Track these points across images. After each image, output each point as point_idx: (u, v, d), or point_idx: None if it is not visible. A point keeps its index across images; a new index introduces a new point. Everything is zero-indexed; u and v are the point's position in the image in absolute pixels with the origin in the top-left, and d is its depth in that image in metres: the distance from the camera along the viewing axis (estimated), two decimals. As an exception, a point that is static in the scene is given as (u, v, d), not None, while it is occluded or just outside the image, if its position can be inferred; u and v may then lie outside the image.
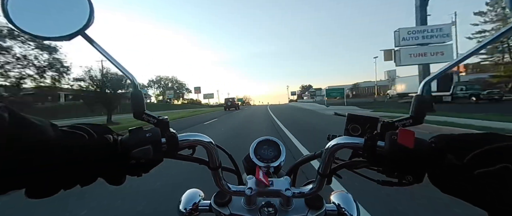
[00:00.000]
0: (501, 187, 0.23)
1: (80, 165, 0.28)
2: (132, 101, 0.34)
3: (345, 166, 0.38)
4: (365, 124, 0.36)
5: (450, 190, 0.27)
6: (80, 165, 0.28)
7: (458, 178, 0.26)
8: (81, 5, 0.33)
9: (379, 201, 2.00)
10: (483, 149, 0.25)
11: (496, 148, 0.25)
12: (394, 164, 0.30)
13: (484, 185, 0.24)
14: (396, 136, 0.29)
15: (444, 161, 0.28)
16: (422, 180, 0.30)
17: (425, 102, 0.32)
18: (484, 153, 0.25)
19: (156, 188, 2.59)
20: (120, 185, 0.32)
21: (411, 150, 0.29)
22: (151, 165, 0.33)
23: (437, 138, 0.30)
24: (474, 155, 0.26)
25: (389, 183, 0.33)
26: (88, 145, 0.28)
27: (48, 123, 0.27)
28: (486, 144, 0.26)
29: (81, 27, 0.33)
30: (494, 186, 0.24)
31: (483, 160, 0.25)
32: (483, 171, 0.24)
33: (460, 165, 0.26)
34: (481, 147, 0.26)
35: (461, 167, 0.26)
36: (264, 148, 0.49)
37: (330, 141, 0.37)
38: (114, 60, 0.34)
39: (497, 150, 0.25)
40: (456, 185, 0.27)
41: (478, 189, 0.25)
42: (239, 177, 0.51)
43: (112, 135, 0.32)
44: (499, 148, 0.25)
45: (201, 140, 0.38)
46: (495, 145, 0.25)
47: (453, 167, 0.27)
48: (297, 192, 0.42)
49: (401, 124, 0.32)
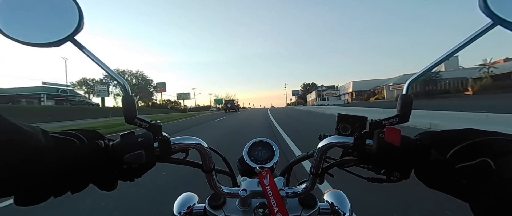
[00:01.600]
0: (480, 180, 0.25)
1: (71, 172, 0.27)
2: (124, 106, 0.34)
3: (336, 165, 0.39)
4: (355, 124, 0.37)
5: (434, 185, 0.29)
6: (71, 171, 0.27)
7: (442, 172, 0.28)
8: (70, 11, 0.33)
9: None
10: (463, 145, 0.27)
11: (474, 143, 0.26)
12: (382, 161, 0.31)
13: (465, 179, 0.26)
14: (384, 134, 0.31)
15: (428, 157, 0.29)
16: (409, 176, 0.31)
17: (410, 101, 0.33)
18: (464, 148, 0.27)
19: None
20: (111, 191, 0.32)
21: (398, 148, 0.30)
22: (144, 170, 0.33)
23: (422, 135, 0.31)
24: (455, 150, 0.27)
25: (378, 180, 0.34)
26: (79, 151, 0.28)
27: (39, 130, 0.26)
28: (466, 139, 0.27)
29: (70, 33, 0.32)
30: (474, 179, 0.25)
31: (464, 155, 0.26)
32: (463, 166, 0.26)
33: (443, 160, 0.27)
34: (461, 142, 0.27)
35: (444, 162, 0.27)
36: (258, 149, 0.50)
37: (321, 141, 0.38)
38: (105, 66, 0.34)
39: (476, 145, 0.26)
40: (440, 179, 0.28)
41: (460, 183, 0.26)
42: (234, 179, 0.52)
43: (103, 140, 0.32)
44: (477, 143, 0.26)
45: (194, 143, 0.38)
46: (473, 140, 0.27)
47: (437, 163, 0.28)
48: (291, 192, 0.43)
49: (388, 122, 0.33)
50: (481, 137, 0.26)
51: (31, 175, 0.24)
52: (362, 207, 1.93)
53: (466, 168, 0.26)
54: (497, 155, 0.24)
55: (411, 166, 0.30)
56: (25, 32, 0.31)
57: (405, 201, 1.98)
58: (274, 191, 0.39)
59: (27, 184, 0.24)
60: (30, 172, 0.24)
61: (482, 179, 0.24)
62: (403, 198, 2.02)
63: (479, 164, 0.25)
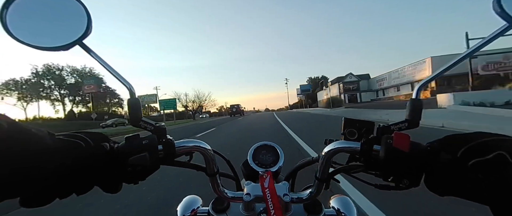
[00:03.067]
0: (498, 175, 0.23)
1: (77, 174, 0.28)
2: (130, 108, 0.34)
3: (343, 171, 0.38)
4: (362, 128, 0.36)
5: (447, 190, 0.27)
6: (76, 173, 0.28)
7: (454, 172, 0.26)
8: (79, 15, 0.34)
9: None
10: (475, 142, 0.26)
11: (487, 141, 0.25)
12: (390, 168, 0.30)
13: (481, 173, 0.24)
14: (392, 139, 0.30)
15: (438, 159, 0.28)
16: (419, 183, 0.30)
17: (420, 106, 0.32)
18: (476, 146, 0.25)
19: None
20: (116, 193, 0.32)
21: (407, 154, 0.29)
22: (148, 172, 0.33)
23: (432, 142, 0.30)
24: (467, 148, 0.26)
25: (386, 187, 0.33)
26: (85, 153, 0.28)
27: (46, 132, 0.27)
28: (476, 139, 0.26)
29: (79, 36, 0.33)
30: (491, 175, 0.23)
31: (476, 152, 0.25)
32: (477, 161, 0.24)
33: (454, 159, 0.26)
34: (472, 142, 0.26)
35: (455, 161, 0.26)
36: (263, 153, 0.49)
37: (327, 146, 0.37)
38: (111, 69, 0.35)
39: (489, 142, 0.25)
40: (454, 181, 0.26)
41: (476, 182, 0.25)
42: (238, 182, 0.51)
43: (109, 142, 0.32)
44: (491, 140, 0.25)
45: (199, 146, 0.38)
46: (485, 139, 0.25)
47: (448, 162, 0.27)
48: (296, 197, 0.42)
49: (396, 127, 0.32)
50: (492, 137, 0.25)
51: (36, 177, 0.24)
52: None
53: (480, 163, 0.24)
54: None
55: (421, 173, 0.29)
56: (36, 37, 0.32)
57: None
58: (272, 193, 0.38)
59: (32, 185, 0.24)
60: (35, 174, 0.24)
61: (500, 175, 0.23)
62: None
63: (495, 158, 0.23)
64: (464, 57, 0.31)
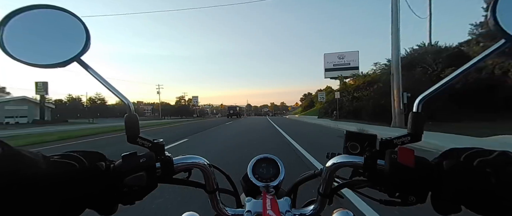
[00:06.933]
0: (503, 173, 0.23)
1: (69, 197, 0.26)
2: (127, 125, 0.33)
3: (346, 186, 0.37)
4: (364, 142, 0.36)
5: (455, 198, 0.26)
6: (68, 197, 0.26)
7: (461, 175, 0.26)
8: (78, 32, 0.33)
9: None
10: (474, 150, 0.27)
11: (485, 148, 0.26)
12: (396, 184, 0.29)
13: (489, 170, 0.24)
14: (396, 155, 0.29)
15: (442, 168, 0.28)
16: (425, 200, 0.29)
17: (422, 119, 0.32)
18: (477, 150, 0.26)
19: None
20: (112, 215, 0.31)
21: (412, 170, 0.28)
22: (146, 192, 0.31)
23: (435, 158, 0.30)
24: (469, 153, 0.27)
25: (392, 203, 0.32)
26: (79, 176, 0.27)
27: (40, 155, 0.26)
28: (476, 148, 0.27)
29: (77, 53, 0.33)
30: (500, 168, 0.23)
31: (479, 154, 0.26)
32: (482, 159, 0.25)
33: (458, 163, 0.27)
34: (472, 150, 0.27)
35: (459, 164, 0.26)
36: (263, 166, 0.48)
37: (330, 160, 0.36)
38: (109, 85, 0.34)
39: (488, 149, 0.26)
40: (461, 186, 0.26)
41: (484, 178, 0.24)
42: (238, 198, 0.50)
43: (105, 161, 0.31)
44: (489, 149, 0.26)
45: (197, 162, 0.37)
46: (484, 147, 0.26)
47: (452, 167, 0.27)
48: (298, 214, 0.41)
49: (399, 141, 0.32)
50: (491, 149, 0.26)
51: (25, 203, 0.24)
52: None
53: (485, 161, 0.24)
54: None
55: (428, 189, 0.28)
56: (33, 54, 0.31)
57: None
58: (274, 211, 0.36)
59: (21, 211, 0.24)
60: (25, 199, 0.24)
61: (509, 164, 0.23)
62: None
63: (499, 155, 0.24)
64: (462, 72, 0.31)
